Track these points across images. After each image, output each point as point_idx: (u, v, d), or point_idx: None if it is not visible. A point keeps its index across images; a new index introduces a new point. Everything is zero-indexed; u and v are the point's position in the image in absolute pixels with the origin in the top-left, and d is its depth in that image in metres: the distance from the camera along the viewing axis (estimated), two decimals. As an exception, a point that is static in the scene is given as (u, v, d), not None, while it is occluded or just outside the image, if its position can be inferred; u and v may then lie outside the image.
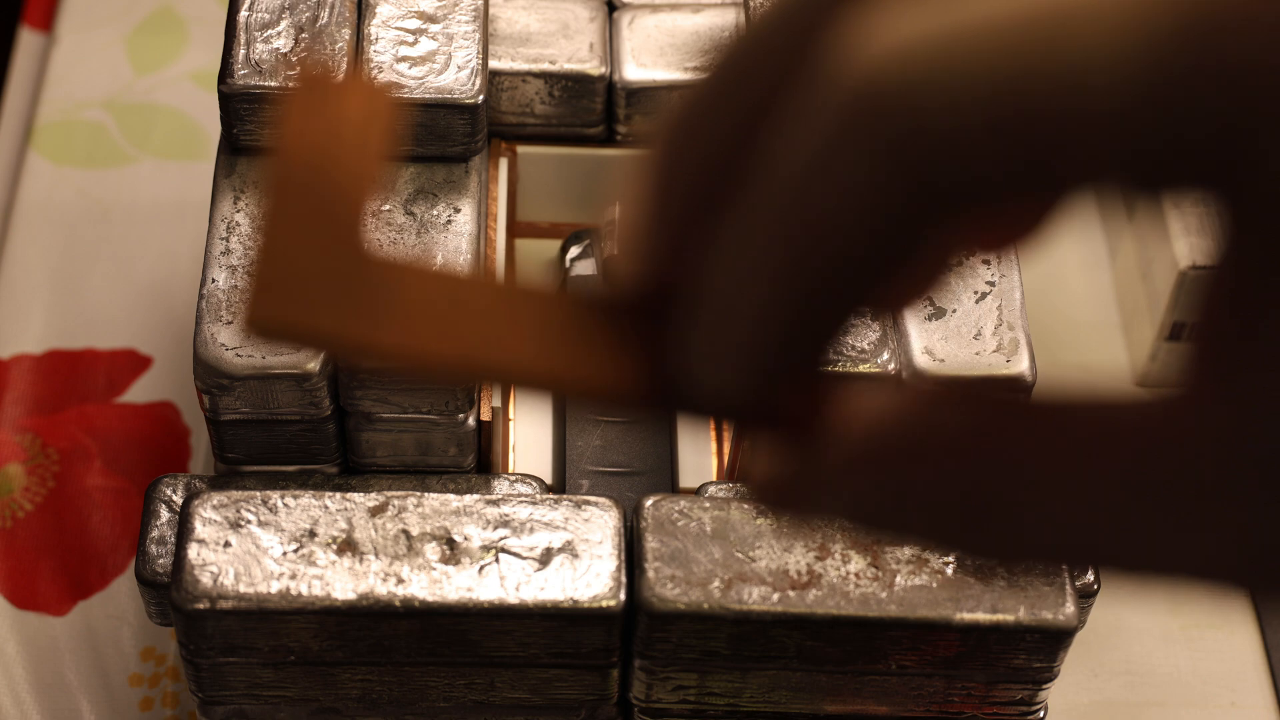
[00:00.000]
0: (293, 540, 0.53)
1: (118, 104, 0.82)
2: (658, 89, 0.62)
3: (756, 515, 0.54)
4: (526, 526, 0.54)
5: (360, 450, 0.59)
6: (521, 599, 0.52)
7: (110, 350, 0.74)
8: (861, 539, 0.54)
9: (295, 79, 0.28)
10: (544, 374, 0.29)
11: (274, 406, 0.56)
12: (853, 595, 0.53)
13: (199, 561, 0.52)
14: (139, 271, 0.76)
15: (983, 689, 0.55)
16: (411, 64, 0.60)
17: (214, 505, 0.53)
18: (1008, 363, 0.58)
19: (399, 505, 0.54)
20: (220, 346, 0.55)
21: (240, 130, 0.60)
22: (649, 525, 0.54)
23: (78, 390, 0.73)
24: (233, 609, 0.52)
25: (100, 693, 0.65)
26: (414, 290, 0.28)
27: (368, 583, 0.52)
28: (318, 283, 0.27)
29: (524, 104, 0.63)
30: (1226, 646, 0.69)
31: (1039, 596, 0.53)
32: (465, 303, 0.29)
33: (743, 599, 0.52)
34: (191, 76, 0.83)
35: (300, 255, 0.27)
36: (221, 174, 0.60)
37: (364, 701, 0.55)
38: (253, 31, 0.60)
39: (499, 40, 0.63)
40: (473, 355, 0.28)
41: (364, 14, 0.61)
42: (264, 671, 0.54)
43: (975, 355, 0.58)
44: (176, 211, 0.78)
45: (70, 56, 0.83)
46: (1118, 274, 0.76)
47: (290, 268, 0.27)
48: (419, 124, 0.60)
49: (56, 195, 0.79)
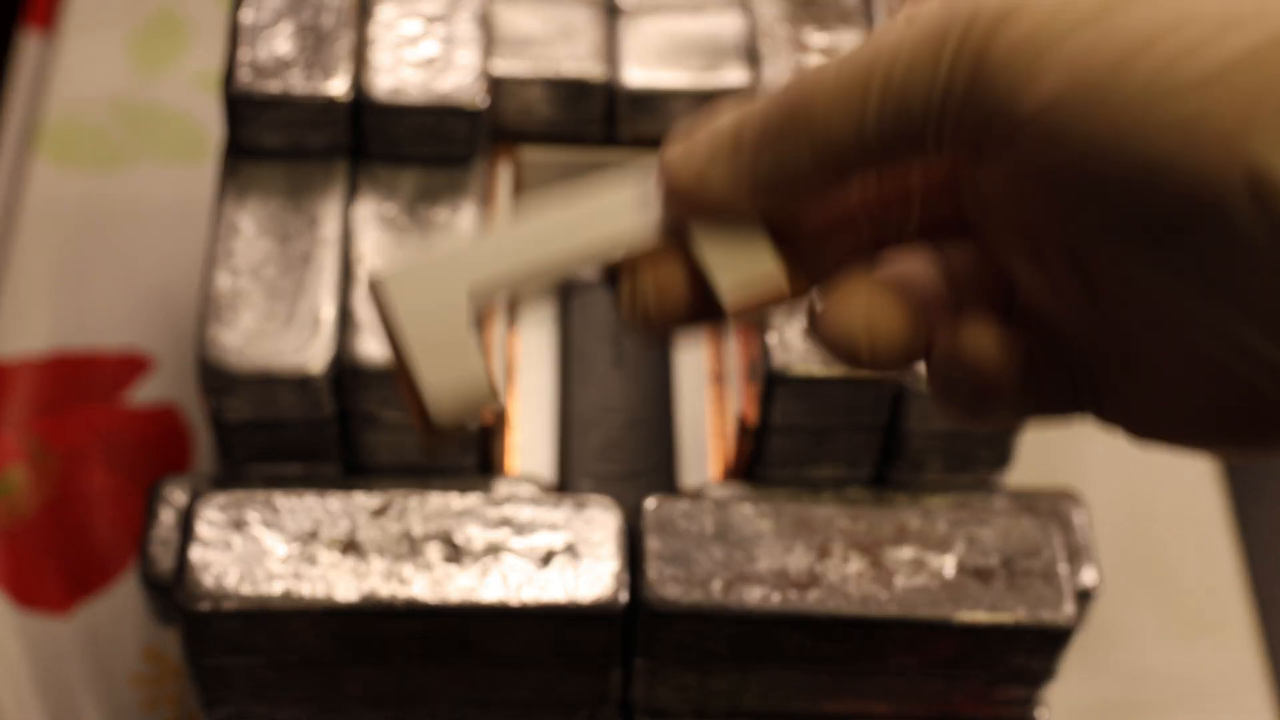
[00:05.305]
0: (295, 541, 0.53)
1: (119, 105, 0.82)
2: (659, 91, 0.63)
3: (757, 515, 0.54)
4: (528, 527, 0.54)
5: (363, 451, 0.59)
6: (523, 599, 0.53)
7: (113, 351, 0.74)
8: (861, 540, 0.54)
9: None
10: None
11: (277, 408, 0.57)
12: (853, 595, 0.53)
13: (202, 562, 0.52)
14: (142, 273, 0.77)
15: (982, 689, 0.55)
16: (413, 67, 0.60)
17: (217, 506, 0.54)
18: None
19: (401, 506, 0.54)
20: (223, 348, 0.56)
21: (244, 132, 0.60)
22: (650, 526, 0.54)
23: (81, 392, 0.73)
24: (236, 610, 0.52)
25: (102, 693, 0.65)
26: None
27: (370, 583, 0.52)
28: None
29: (525, 107, 0.63)
30: (1226, 646, 0.69)
31: (1038, 597, 0.53)
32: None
33: (743, 599, 0.53)
34: (193, 78, 0.83)
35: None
36: (224, 175, 0.60)
37: (366, 701, 0.56)
38: (255, 34, 0.60)
39: (500, 42, 0.63)
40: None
41: (366, 16, 0.61)
42: (266, 672, 0.54)
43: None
44: (179, 213, 0.78)
45: (72, 58, 0.83)
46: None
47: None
48: (421, 127, 0.60)
49: (59, 197, 0.79)
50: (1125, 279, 0.30)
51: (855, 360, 0.33)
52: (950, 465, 0.59)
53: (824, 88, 0.32)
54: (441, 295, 0.34)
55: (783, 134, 0.32)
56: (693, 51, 0.63)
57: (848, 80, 0.31)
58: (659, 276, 0.34)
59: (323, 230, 0.58)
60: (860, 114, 0.31)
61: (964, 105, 0.30)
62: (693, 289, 0.34)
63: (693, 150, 0.34)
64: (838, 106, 0.32)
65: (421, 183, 0.60)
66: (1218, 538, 0.72)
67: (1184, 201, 0.28)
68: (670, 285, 0.34)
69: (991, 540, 0.54)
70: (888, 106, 0.31)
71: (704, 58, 0.63)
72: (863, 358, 0.33)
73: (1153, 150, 0.28)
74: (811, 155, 0.32)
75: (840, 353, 0.33)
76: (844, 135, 0.32)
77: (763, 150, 0.33)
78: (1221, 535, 0.72)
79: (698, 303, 0.34)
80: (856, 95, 0.31)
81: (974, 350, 0.33)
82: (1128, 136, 0.28)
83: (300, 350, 0.56)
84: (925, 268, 0.34)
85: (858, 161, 0.32)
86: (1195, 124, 0.28)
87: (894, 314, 0.33)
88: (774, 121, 0.33)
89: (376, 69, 0.60)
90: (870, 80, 0.31)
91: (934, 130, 0.31)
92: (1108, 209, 0.29)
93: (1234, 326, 0.29)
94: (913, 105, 0.31)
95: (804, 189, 0.33)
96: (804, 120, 0.32)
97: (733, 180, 0.33)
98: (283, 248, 0.58)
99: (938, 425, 0.58)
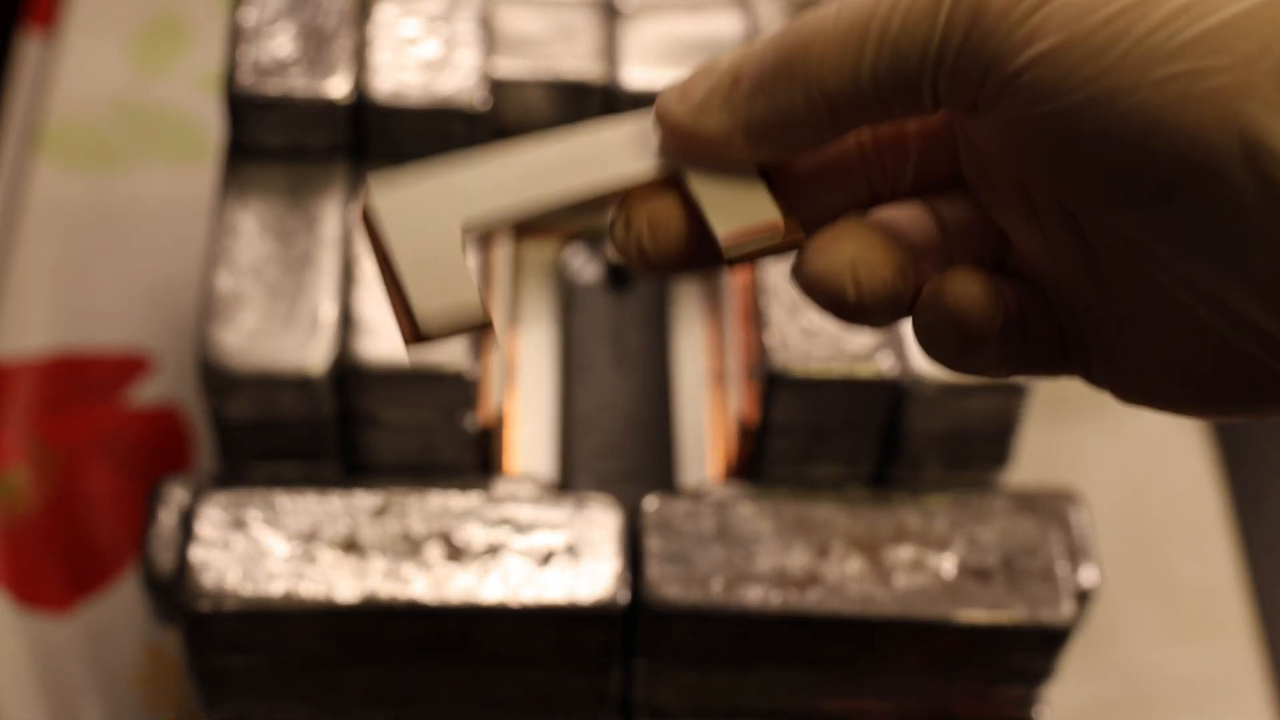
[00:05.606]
0: (296, 540, 0.53)
1: (120, 106, 0.82)
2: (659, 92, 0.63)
3: (757, 515, 0.54)
4: (528, 527, 0.54)
5: (363, 451, 0.59)
6: (523, 599, 0.53)
7: (114, 351, 0.74)
8: (860, 539, 0.54)
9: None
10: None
11: (277, 408, 0.57)
12: (852, 595, 0.53)
13: (203, 562, 0.53)
14: (142, 273, 0.77)
15: (982, 688, 0.55)
16: (414, 68, 0.60)
17: (217, 506, 0.54)
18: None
19: (402, 505, 0.54)
20: (224, 348, 0.56)
21: (245, 133, 0.60)
22: (650, 525, 0.54)
23: (81, 392, 0.73)
24: (236, 609, 0.52)
25: (103, 692, 0.65)
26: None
27: (370, 583, 0.52)
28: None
29: (526, 107, 0.63)
30: (1226, 646, 0.69)
31: (1037, 596, 0.53)
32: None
33: (743, 599, 0.53)
34: (194, 79, 0.83)
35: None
36: (225, 176, 0.60)
37: (366, 701, 0.56)
38: (256, 34, 0.60)
39: (500, 43, 0.63)
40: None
41: (366, 16, 0.62)
42: (267, 671, 0.54)
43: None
44: (179, 213, 0.78)
45: (73, 59, 0.83)
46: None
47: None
48: (421, 128, 0.60)
49: (60, 197, 0.79)
50: (1118, 238, 0.30)
51: (841, 302, 0.33)
52: (950, 465, 0.60)
53: (822, 34, 0.32)
54: (434, 218, 0.33)
55: (778, 78, 0.32)
56: (693, 51, 0.63)
57: (845, 28, 0.31)
58: (653, 212, 0.34)
59: (323, 230, 0.59)
60: (856, 62, 0.31)
61: (960, 56, 0.30)
62: (689, 231, 0.34)
63: (689, 89, 0.34)
64: (834, 53, 0.32)
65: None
66: (1218, 538, 0.72)
67: (1176, 161, 0.28)
68: (664, 221, 0.34)
69: (991, 540, 0.54)
70: (884, 56, 0.31)
71: (704, 58, 0.63)
72: (848, 297, 0.33)
73: (1146, 107, 0.28)
74: (806, 101, 0.32)
75: (825, 293, 0.33)
76: (839, 83, 0.32)
77: (758, 93, 0.33)
78: (1221, 535, 0.72)
79: (693, 245, 0.34)
80: (853, 43, 0.31)
81: (958, 297, 0.32)
82: (1121, 92, 0.28)
83: (301, 350, 0.56)
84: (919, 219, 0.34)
85: (853, 111, 0.32)
86: (1189, 83, 0.28)
87: (882, 254, 0.33)
88: (770, 65, 0.33)
89: (377, 69, 0.60)
90: (868, 29, 0.31)
91: (930, 82, 0.31)
92: (1100, 165, 0.29)
93: (1224, 291, 0.29)
94: (909, 55, 0.31)
95: (798, 136, 0.33)
96: (800, 66, 0.32)
97: (728, 121, 0.33)
98: (283, 248, 0.58)
99: (937, 425, 0.58)
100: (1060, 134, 0.29)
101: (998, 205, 0.33)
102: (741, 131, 0.33)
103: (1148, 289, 0.30)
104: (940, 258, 0.34)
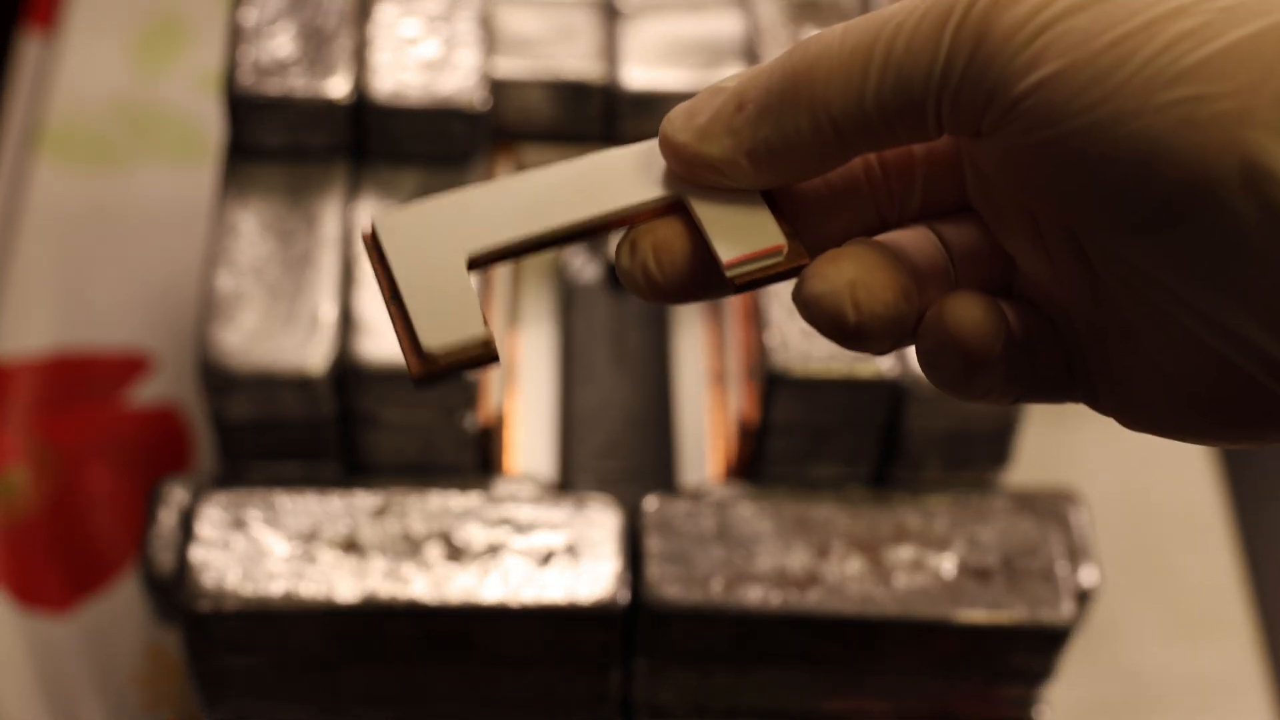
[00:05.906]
0: (296, 540, 0.53)
1: (120, 106, 0.82)
2: (659, 92, 0.63)
3: (757, 515, 0.54)
4: (528, 527, 0.54)
5: (363, 451, 0.59)
6: (523, 599, 0.53)
7: (114, 351, 0.74)
8: (860, 539, 0.54)
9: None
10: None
11: (277, 408, 0.57)
12: (852, 595, 0.53)
13: (203, 562, 0.53)
14: (142, 273, 0.77)
15: (982, 688, 0.55)
16: (414, 68, 0.60)
17: (218, 506, 0.54)
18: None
19: (402, 505, 0.54)
20: (224, 348, 0.56)
21: (245, 133, 0.60)
22: (650, 525, 0.54)
23: (82, 391, 0.73)
24: (236, 609, 0.52)
25: (103, 692, 0.65)
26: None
27: (370, 583, 0.52)
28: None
29: (526, 107, 0.63)
30: (1226, 646, 0.69)
31: (1037, 596, 0.53)
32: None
33: (743, 599, 0.53)
34: (194, 79, 0.83)
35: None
36: (225, 176, 0.60)
37: (366, 701, 0.56)
38: (256, 34, 0.60)
39: (500, 43, 0.63)
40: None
41: (366, 17, 0.62)
42: (267, 671, 0.54)
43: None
44: (179, 213, 0.78)
45: (74, 59, 0.83)
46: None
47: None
48: (421, 128, 0.60)
49: (60, 197, 0.79)
50: (1122, 263, 0.30)
51: (840, 325, 0.32)
52: (950, 464, 0.60)
53: (826, 58, 0.32)
54: (440, 250, 0.33)
55: (783, 102, 0.32)
56: (692, 52, 0.63)
57: (850, 51, 0.31)
58: (658, 237, 0.34)
59: (323, 230, 0.59)
60: (861, 85, 0.31)
61: (964, 80, 0.30)
62: (694, 256, 0.34)
63: (695, 110, 0.33)
64: (839, 77, 0.31)
65: (422, 183, 0.60)
66: (1218, 538, 0.72)
67: (1179, 186, 0.28)
68: (669, 246, 0.34)
69: (991, 540, 0.54)
70: (888, 79, 0.31)
71: (704, 58, 0.63)
72: (848, 319, 0.32)
73: (1150, 132, 0.28)
74: (811, 125, 0.32)
75: (824, 315, 0.32)
76: (844, 106, 0.32)
77: (763, 117, 0.33)
78: (1221, 535, 0.72)
79: (699, 270, 0.34)
80: (858, 67, 0.31)
81: (959, 321, 0.32)
82: (1125, 117, 0.28)
83: (301, 350, 0.56)
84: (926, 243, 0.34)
85: (858, 135, 0.32)
86: (1193, 108, 0.28)
87: (883, 277, 0.32)
88: (775, 89, 0.32)
89: (377, 70, 0.60)
90: (872, 52, 0.31)
91: (934, 106, 0.31)
92: (1103, 189, 0.29)
93: (1229, 317, 0.29)
94: (914, 79, 0.31)
95: (803, 160, 0.33)
96: (805, 89, 0.32)
97: (733, 146, 0.33)
98: (283, 248, 0.58)
99: (937, 425, 0.58)
100: (1064, 158, 0.29)
101: (1004, 229, 0.33)
102: (746, 156, 0.33)
103: (1152, 314, 0.30)
104: (947, 282, 0.34)
